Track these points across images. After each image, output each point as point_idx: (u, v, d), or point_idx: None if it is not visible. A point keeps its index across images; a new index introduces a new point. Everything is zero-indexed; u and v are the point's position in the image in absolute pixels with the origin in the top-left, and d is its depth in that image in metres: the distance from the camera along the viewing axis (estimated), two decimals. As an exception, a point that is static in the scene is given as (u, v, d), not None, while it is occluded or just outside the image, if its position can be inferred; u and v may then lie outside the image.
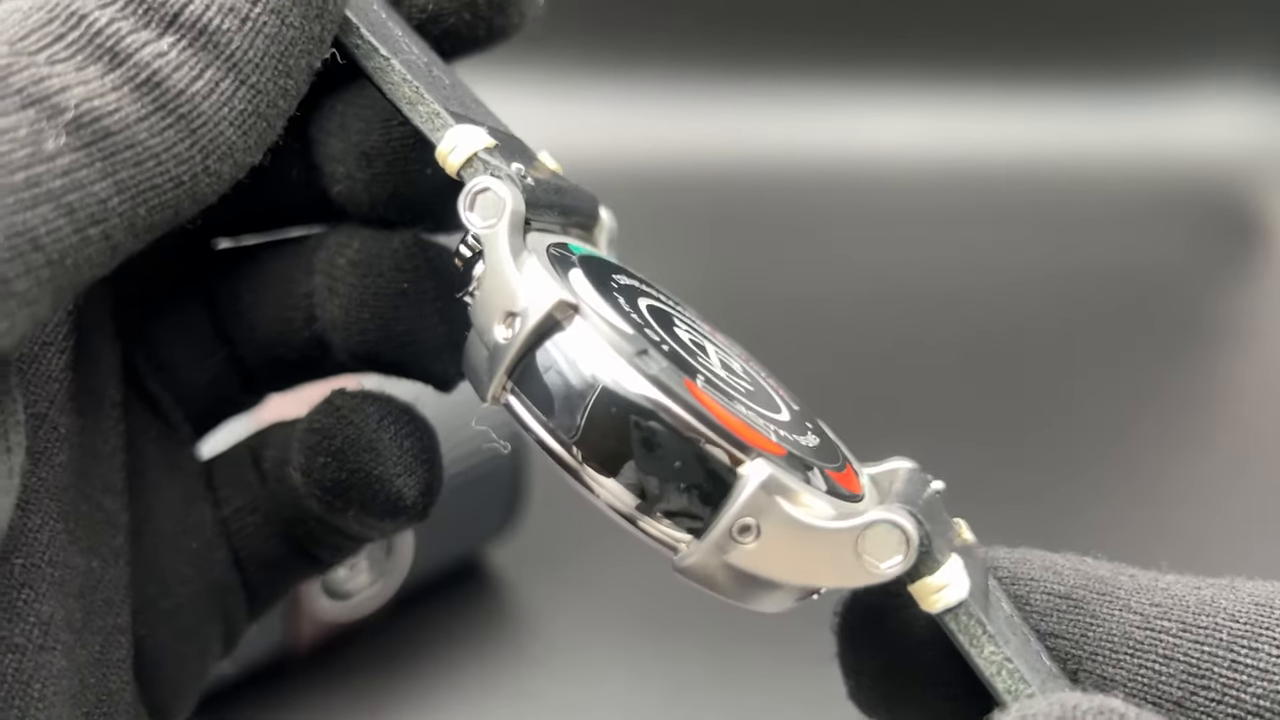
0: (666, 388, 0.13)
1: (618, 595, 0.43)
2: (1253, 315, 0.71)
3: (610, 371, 0.14)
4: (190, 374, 0.19)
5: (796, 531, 0.13)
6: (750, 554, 0.13)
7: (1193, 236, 0.76)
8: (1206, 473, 0.54)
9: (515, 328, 0.14)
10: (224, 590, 0.19)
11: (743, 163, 0.76)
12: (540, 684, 0.40)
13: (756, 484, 0.13)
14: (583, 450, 0.14)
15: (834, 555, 0.13)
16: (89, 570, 0.16)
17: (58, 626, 0.15)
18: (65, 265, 0.12)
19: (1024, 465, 0.53)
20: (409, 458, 0.18)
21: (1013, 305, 0.67)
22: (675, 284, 0.19)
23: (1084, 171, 0.79)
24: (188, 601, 0.18)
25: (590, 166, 0.18)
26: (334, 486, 0.18)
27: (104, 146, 0.13)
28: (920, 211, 0.75)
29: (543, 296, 0.14)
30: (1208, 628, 0.14)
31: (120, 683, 0.17)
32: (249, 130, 0.14)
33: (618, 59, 0.76)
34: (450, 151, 0.16)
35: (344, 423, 0.18)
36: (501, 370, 0.14)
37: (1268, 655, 0.13)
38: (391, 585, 0.39)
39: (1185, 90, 0.82)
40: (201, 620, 0.19)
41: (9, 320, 0.12)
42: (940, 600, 0.13)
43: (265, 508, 0.19)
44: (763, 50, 0.78)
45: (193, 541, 0.18)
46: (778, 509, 0.13)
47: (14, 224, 0.12)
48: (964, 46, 0.79)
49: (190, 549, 0.18)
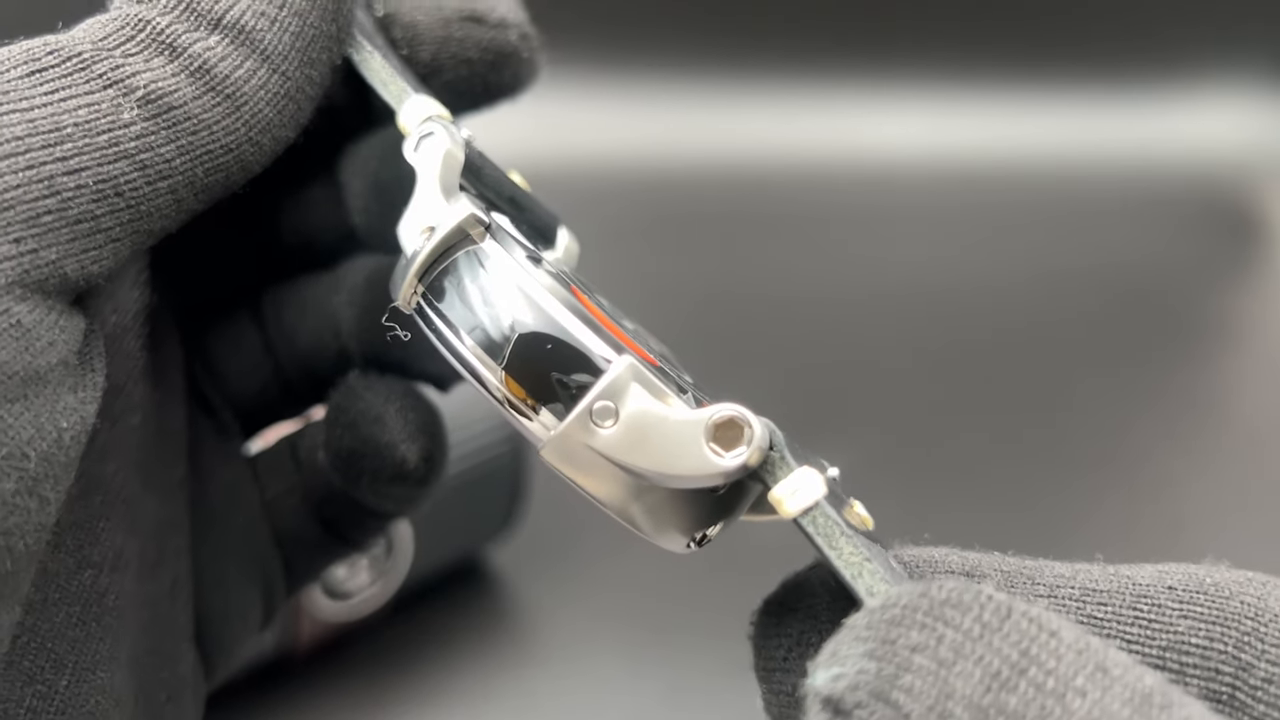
0: (560, 293, 0.15)
1: (618, 595, 0.44)
2: (1252, 315, 0.71)
3: (513, 277, 0.15)
4: (241, 383, 0.23)
5: (650, 419, 0.14)
6: (607, 437, 0.14)
7: (1193, 236, 0.76)
8: (1206, 472, 0.54)
9: (430, 237, 0.16)
10: (265, 563, 0.22)
11: (743, 163, 0.76)
12: (540, 684, 0.40)
13: (619, 370, 0.15)
14: (483, 348, 0.15)
15: (684, 444, 0.14)
16: (160, 518, 0.19)
17: (131, 555, 0.18)
18: (140, 211, 0.16)
19: (1022, 464, 0.53)
20: (412, 428, 0.21)
21: (1012, 305, 0.67)
22: (675, 284, 0.19)
23: (1084, 171, 0.79)
24: (234, 569, 0.21)
25: (589, 166, 0.18)
26: (349, 455, 0.21)
27: (168, 118, 0.16)
28: (920, 211, 0.75)
29: (456, 210, 0.16)
30: (1109, 590, 0.14)
31: (186, 620, 0.20)
32: (283, 110, 0.17)
33: (617, 59, 0.76)
34: (408, 118, 0.18)
35: (355, 398, 0.21)
36: (412, 273, 0.16)
37: (1171, 609, 0.13)
38: (391, 585, 0.39)
39: (1185, 90, 0.82)
40: (246, 587, 0.22)
41: (98, 250, 0.16)
42: (795, 502, 0.14)
43: (301, 491, 0.22)
44: (763, 50, 0.78)
45: (240, 517, 0.22)
46: (635, 395, 0.14)
47: (100, 174, 0.15)
48: (964, 46, 0.80)
49: (238, 524, 0.21)
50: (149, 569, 0.19)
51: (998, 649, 0.11)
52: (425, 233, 0.16)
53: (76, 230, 0.15)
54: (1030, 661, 0.10)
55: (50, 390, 0.15)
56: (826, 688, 0.11)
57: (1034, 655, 0.10)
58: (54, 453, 0.15)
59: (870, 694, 0.11)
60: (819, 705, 0.11)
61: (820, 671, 0.11)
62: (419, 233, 0.16)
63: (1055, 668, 0.10)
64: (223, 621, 0.21)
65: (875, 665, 0.11)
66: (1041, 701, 0.10)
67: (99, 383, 0.16)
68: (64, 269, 0.15)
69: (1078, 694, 0.10)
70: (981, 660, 0.10)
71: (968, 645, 0.11)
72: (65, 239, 0.15)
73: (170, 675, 0.20)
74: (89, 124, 0.15)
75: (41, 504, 0.15)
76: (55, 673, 0.17)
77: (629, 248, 0.65)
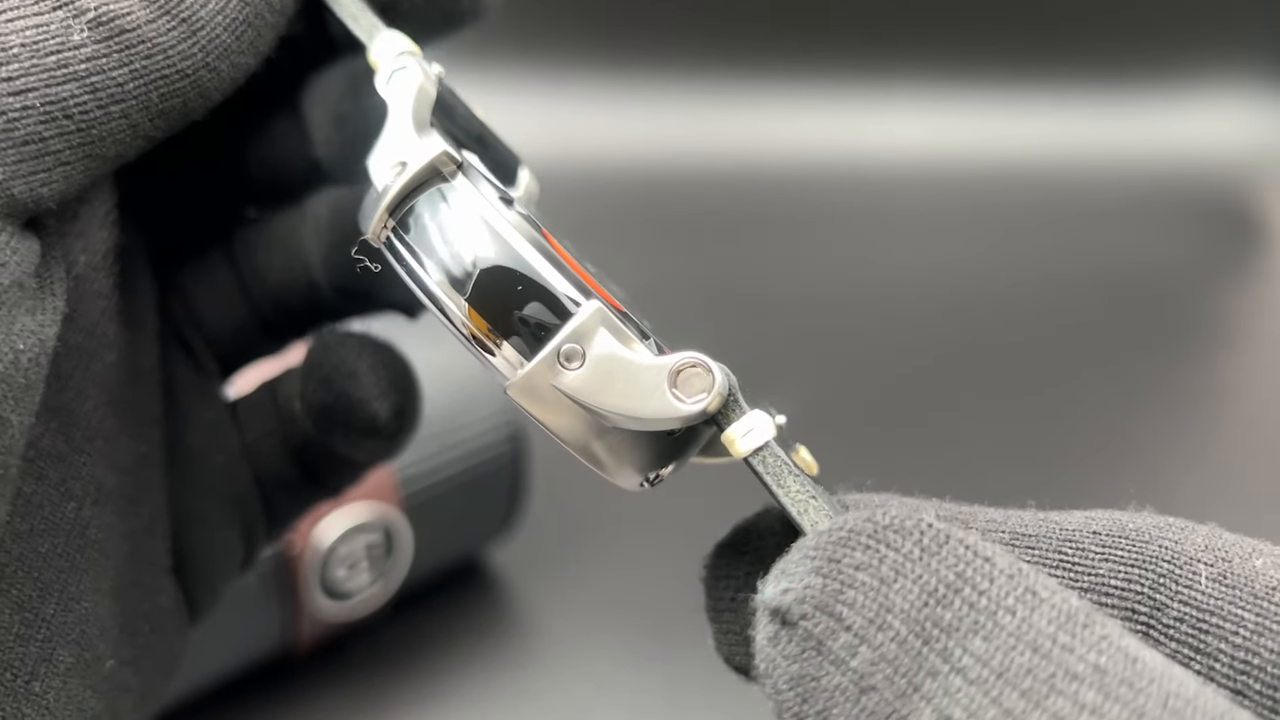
0: (529, 232, 0.15)
1: (618, 595, 0.44)
2: (1253, 315, 0.71)
3: (481, 213, 0.15)
4: (218, 322, 0.22)
5: (616, 363, 0.15)
6: (573, 378, 0.15)
7: (1193, 236, 0.76)
8: (1206, 470, 0.54)
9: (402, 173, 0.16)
10: (245, 504, 0.22)
11: (743, 163, 0.76)
12: (540, 684, 0.40)
13: (587, 313, 0.15)
14: (448, 281, 0.15)
15: (648, 388, 0.15)
16: (137, 453, 0.20)
17: (110, 489, 0.19)
18: (92, 135, 0.16)
19: (1022, 464, 0.53)
20: (384, 384, 0.21)
21: (1012, 304, 0.67)
22: (675, 283, 0.19)
23: (1084, 171, 0.79)
24: (214, 509, 0.22)
25: (589, 166, 0.18)
26: (323, 409, 0.21)
27: (120, 41, 0.16)
28: (921, 211, 0.75)
29: (429, 147, 0.16)
30: (1038, 535, 0.15)
31: (164, 554, 0.20)
32: (241, 36, 0.17)
33: (617, 59, 0.76)
34: (380, 53, 0.18)
35: (329, 353, 0.21)
36: (383, 207, 0.16)
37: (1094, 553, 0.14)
38: (391, 585, 0.39)
39: (1185, 90, 0.82)
40: (226, 527, 0.22)
41: (47, 173, 0.16)
42: (747, 442, 0.15)
43: (280, 435, 0.22)
44: (764, 51, 0.78)
45: (220, 457, 0.22)
46: (602, 338, 0.15)
47: (48, 95, 0.15)
48: (964, 47, 0.80)
49: (218, 463, 0.22)
50: (128, 504, 0.19)
51: (935, 570, 0.11)
52: (397, 167, 0.16)
53: (24, 152, 0.15)
54: (965, 582, 0.11)
55: (5, 311, 0.15)
56: (775, 600, 0.12)
57: (968, 577, 0.11)
58: (11, 374, 0.15)
59: (815, 606, 0.12)
60: (767, 616, 0.12)
61: (769, 586, 0.12)
62: (390, 167, 0.16)
63: (988, 589, 0.11)
64: (205, 559, 0.21)
65: (821, 581, 0.12)
66: (974, 617, 0.11)
67: (59, 307, 0.16)
68: (11, 190, 0.15)
69: (1008, 611, 0.11)
70: (920, 579, 0.11)
71: (907, 565, 0.11)
72: (12, 160, 0.15)
73: (152, 607, 0.20)
74: (36, 45, 0.15)
75: (3, 425, 0.15)
76: (42, 600, 0.17)
77: (628, 247, 0.65)
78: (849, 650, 0.11)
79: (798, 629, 0.12)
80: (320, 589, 0.37)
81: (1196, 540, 0.14)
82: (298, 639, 0.38)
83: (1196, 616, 0.13)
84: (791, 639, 0.12)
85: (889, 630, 0.11)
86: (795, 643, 0.12)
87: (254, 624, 0.36)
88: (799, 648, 0.12)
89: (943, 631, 0.11)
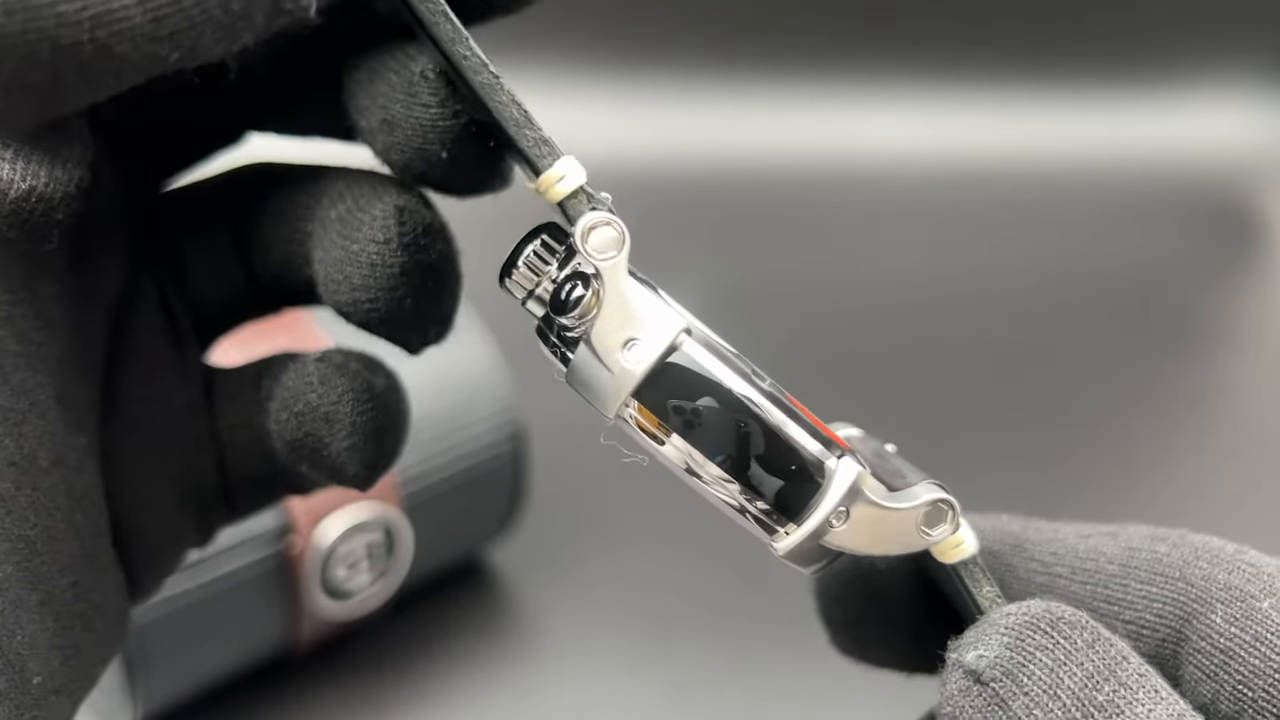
0: (777, 399, 0.17)
1: (618, 595, 0.44)
2: (1252, 315, 0.71)
3: (731, 383, 0.16)
4: (208, 285, 0.21)
5: (877, 514, 0.17)
6: (839, 534, 0.17)
7: (1193, 236, 0.76)
8: (1206, 471, 0.54)
9: (639, 352, 0.16)
10: (204, 492, 0.21)
11: (743, 163, 0.76)
12: (540, 684, 0.40)
13: (852, 477, 0.16)
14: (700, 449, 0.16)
15: (901, 530, 0.17)
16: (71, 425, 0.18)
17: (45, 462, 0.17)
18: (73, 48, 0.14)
19: (1022, 463, 0.53)
20: (360, 434, 0.20)
21: (1012, 304, 0.67)
22: (674, 283, 0.19)
23: (1084, 171, 0.79)
24: (169, 495, 0.20)
25: (591, 166, 0.18)
26: (292, 442, 0.20)
27: None
28: (921, 211, 0.75)
29: (667, 324, 0.16)
30: (1090, 569, 0.18)
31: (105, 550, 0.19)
32: None
33: (619, 60, 0.76)
34: (559, 180, 0.17)
35: (310, 389, 0.20)
36: (628, 390, 0.16)
37: (1134, 589, 0.18)
38: (391, 585, 0.39)
39: (1185, 90, 0.82)
40: (179, 512, 0.21)
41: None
42: (958, 553, 0.17)
43: (256, 425, 0.21)
44: (763, 50, 0.78)
45: (185, 441, 0.20)
46: (864, 496, 0.16)
47: None
48: (964, 47, 0.80)
49: (182, 448, 0.20)
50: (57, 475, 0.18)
51: (1094, 660, 0.15)
52: (627, 344, 0.16)
53: None
54: (1113, 674, 0.15)
55: None
56: (973, 662, 0.15)
57: (1115, 671, 0.15)
58: None
59: (1003, 672, 0.15)
60: (961, 674, 0.16)
61: (967, 651, 0.16)
62: (620, 343, 0.16)
63: (1127, 680, 0.15)
64: (151, 544, 0.20)
65: (1010, 654, 0.15)
66: (1118, 703, 0.15)
67: None
68: None
69: (1140, 703, 0.15)
70: (1083, 665, 0.15)
71: (1075, 654, 0.15)
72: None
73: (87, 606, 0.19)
74: None
75: None
76: None
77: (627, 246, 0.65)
78: (1026, 711, 0.15)
79: (988, 688, 0.15)
80: (321, 588, 0.37)
81: (1218, 577, 0.17)
82: (298, 638, 0.38)
83: (1211, 652, 0.16)
84: (981, 694, 0.15)
85: (1059, 700, 0.15)
86: (984, 698, 0.15)
87: (254, 623, 0.36)
88: (986, 702, 0.15)
89: (1096, 709, 0.15)
